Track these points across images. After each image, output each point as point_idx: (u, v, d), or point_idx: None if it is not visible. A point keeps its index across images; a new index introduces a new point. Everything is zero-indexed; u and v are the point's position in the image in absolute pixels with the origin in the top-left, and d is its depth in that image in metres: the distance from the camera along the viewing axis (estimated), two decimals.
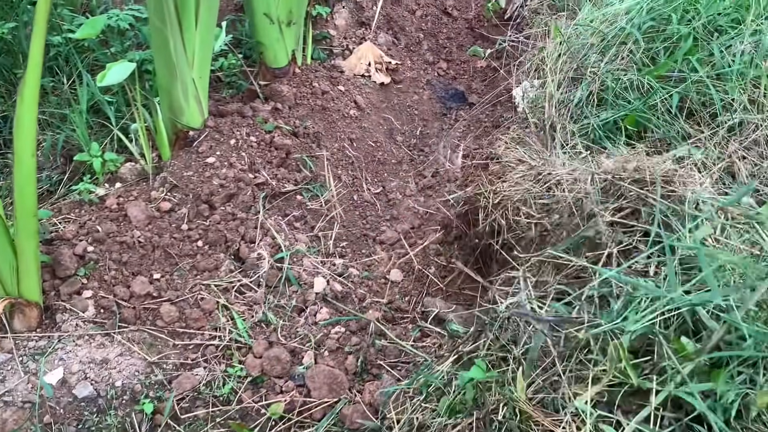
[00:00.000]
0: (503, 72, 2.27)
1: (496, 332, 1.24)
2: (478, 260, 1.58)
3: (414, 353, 1.39)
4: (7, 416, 1.19)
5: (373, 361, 1.38)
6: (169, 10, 1.51)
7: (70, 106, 2.07)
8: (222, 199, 1.64)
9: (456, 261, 1.62)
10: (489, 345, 1.20)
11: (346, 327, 1.49)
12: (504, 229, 1.40)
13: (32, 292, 1.33)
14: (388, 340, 1.44)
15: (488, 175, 1.65)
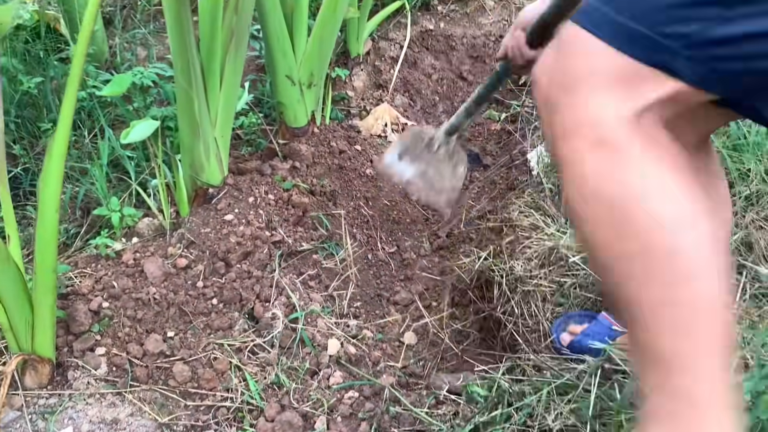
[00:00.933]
0: (518, 136, 2.30)
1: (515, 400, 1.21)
2: (492, 329, 1.57)
3: (429, 421, 1.35)
4: None
5: (387, 428, 1.35)
6: (195, 72, 1.55)
7: (91, 159, 2.11)
8: (238, 256, 1.65)
9: (471, 328, 1.61)
10: (508, 416, 1.18)
11: (359, 392, 1.46)
12: (516, 314, 1.41)
13: (46, 348, 1.32)
14: (402, 406, 1.41)
15: (502, 242, 1.66)
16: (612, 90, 0.71)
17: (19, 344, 1.30)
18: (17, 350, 1.31)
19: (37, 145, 2.24)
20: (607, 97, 0.71)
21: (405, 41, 2.52)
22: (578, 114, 0.73)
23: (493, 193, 2.21)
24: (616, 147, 0.71)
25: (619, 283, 0.74)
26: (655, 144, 0.73)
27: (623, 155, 0.71)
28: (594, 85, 0.72)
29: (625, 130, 0.71)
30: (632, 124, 0.71)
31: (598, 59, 0.72)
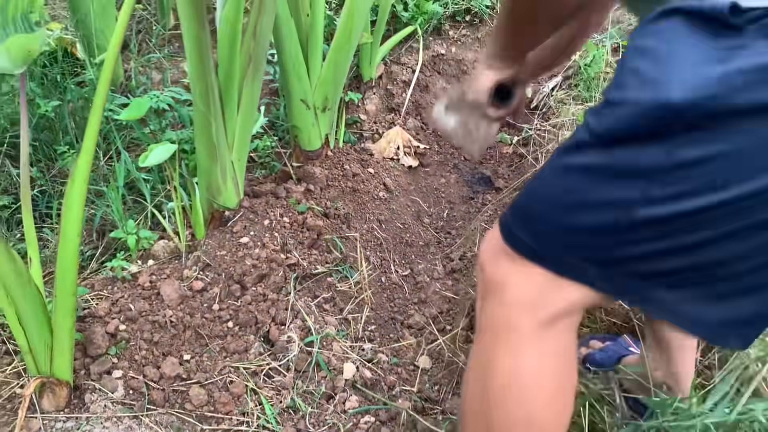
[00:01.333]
0: (530, 158, 2.30)
1: None
2: None
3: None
4: None
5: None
6: (213, 96, 1.57)
7: (106, 182, 2.13)
8: (254, 279, 1.65)
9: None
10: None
11: (375, 416, 1.45)
12: None
13: (64, 371, 1.32)
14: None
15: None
16: (530, 298, 0.83)
17: (37, 367, 1.30)
18: (35, 373, 1.31)
19: (53, 168, 2.26)
20: (525, 306, 0.83)
21: (417, 65, 2.54)
22: (499, 313, 0.86)
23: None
24: (521, 352, 0.84)
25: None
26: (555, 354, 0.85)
27: (524, 361, 0.84)
28: (515, 294, 0.84)
29: (535, 337, 0.83)
30: (542, 331, 0.83)
31: (519, 270, 0.83)
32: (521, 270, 0.82)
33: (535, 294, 0.82)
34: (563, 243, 0.79)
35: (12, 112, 2.24)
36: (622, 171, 0.73)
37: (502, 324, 0.85)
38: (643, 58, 0.71)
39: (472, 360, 0.91)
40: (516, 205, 0.86)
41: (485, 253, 0.90)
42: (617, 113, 0.71)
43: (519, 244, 0.82)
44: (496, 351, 0.85)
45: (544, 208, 0.81)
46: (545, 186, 0.82)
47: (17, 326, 1.25)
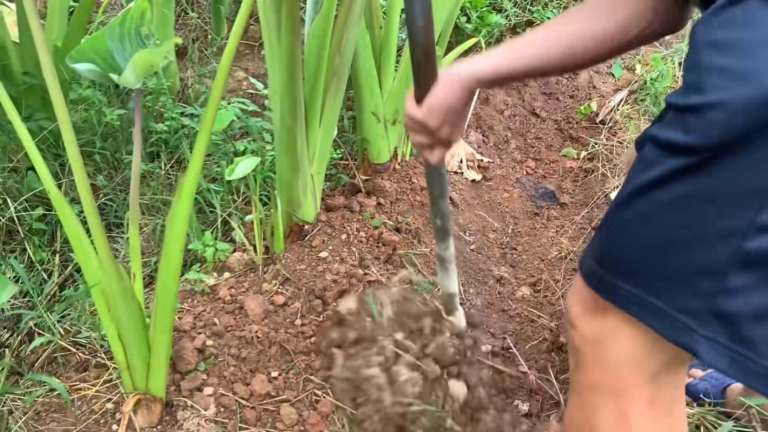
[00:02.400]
0: (598, 174, 2.27)
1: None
2: None
3: None
4: None
5: None
6: (301, 111, 1.55)
7: (169, 191, 2.12)
8: (334, 294, 1.63)
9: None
10: None
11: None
12: None
13: (158, 388, 1.31)
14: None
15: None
16: (633, 357, 0.77)
17: (134, 383, 1.29)
18: (131, 388, 1.29)
19: (116, 176, 2.25)
20: (628, 366, 0.78)
21: None
22: (600, 375, 0.81)
23: (571, 231, 2.18)
24: (629, 417, 0.79)
25: None
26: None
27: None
28: (617, 354, 0.78)
29: (643, 399, 0.78)
30: (649, 390, 0.78)
31: (617, 326, 0.77)
32: (620, 326, 0.76)
33: (639, 352, 0.76)
34: (671, 291, 0.71)
35: (79, 120, 2.24)
36: (727, 192, 0.64)
37: (605, 386, 0.79)
38: (724, 53, 0.63)
39: (570, 419, 0.86)
40: (605, 256, 0.77)
41: (574, 307, 0.83)
42: (709, 120, 0.63)
43: (619, 299, 0.75)
44: (601, 415, 0.79)
45: (644, 257, 0.72)
46: (637, 232, 0.73)
47: (117, 342, 1.24)
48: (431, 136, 0.95)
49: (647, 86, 2.47)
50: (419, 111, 0.93)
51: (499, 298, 1.96)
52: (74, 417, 1.32)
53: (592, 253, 0.80)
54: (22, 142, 1.08)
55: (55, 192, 1.11)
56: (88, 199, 1.09)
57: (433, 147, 0.98)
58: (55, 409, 1.34)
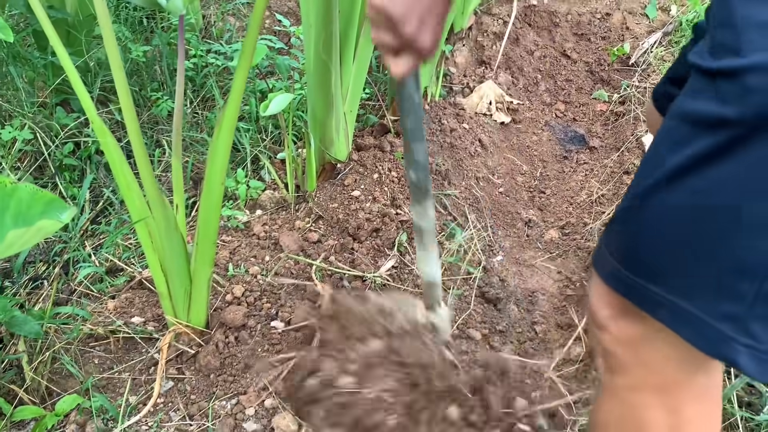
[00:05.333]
0: (629, 118, 2.23)
1: None
2: None
3: None
4: None
5: None
6: (336, 44, 1.52)
7: (197, 130, 2.11)
8: (368, 233, 1.63)
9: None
10: None
11: None
12: None
13: (199, 318, 1.33)
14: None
15: None
16: (676, 355, 0.72)
17: (175, 312, 1.31)
18: (172, 317, 1.32)
19: (142, 114, 2.24)
20: (672, 364, 0.73)
21: (511, 16, 2.46)
22: (642, 374, 0.76)
23: (602, 176, 2.16)
24: (681, 408, 0.75)
25: None
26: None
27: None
28: (658, 353, 0.73)
29: (691, 391, 0.75)
30: (695, 382, 0.75)
31: (654, 327, 0.70)
32: (658, 328, 0.69)
33: (682, 349, 0.69)
34: (706, 294, 0.63)
35: (103, 56, 2.22)
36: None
37: (649, 384, 0.75)
38: (764, 3, 0.54)
39: (606, 420, 0.83)
40: (629, 255, 0.69)
41: (602, 310, 0.76)
42: (747, 86, 0.53)
43: (647, 303, 0.68)
44: (649, 413, 0.76)
45: (675, 255, 0.64)
46: (666, 227, 0.64)
47: (159, 272, 1.26)
48: (396, 34, 0.74)
49: (683, 28, 2.40)
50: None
51: (528, 241, 1.96)
52: (117, 345, 1.35)
53: (612, 251, 0.72)
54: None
55: (98, 121, 1.11)
56: (134, 126, 1.08)
57: (398, 51, 0.77)
58: (97, 338, 1.37)
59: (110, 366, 1.32)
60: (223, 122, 1.18)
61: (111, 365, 1.32)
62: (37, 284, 1.56)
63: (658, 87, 1.14)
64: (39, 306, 1.46)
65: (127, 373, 1.31)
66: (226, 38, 2.48)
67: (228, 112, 1.17)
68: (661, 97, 1.13)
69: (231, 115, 1.18)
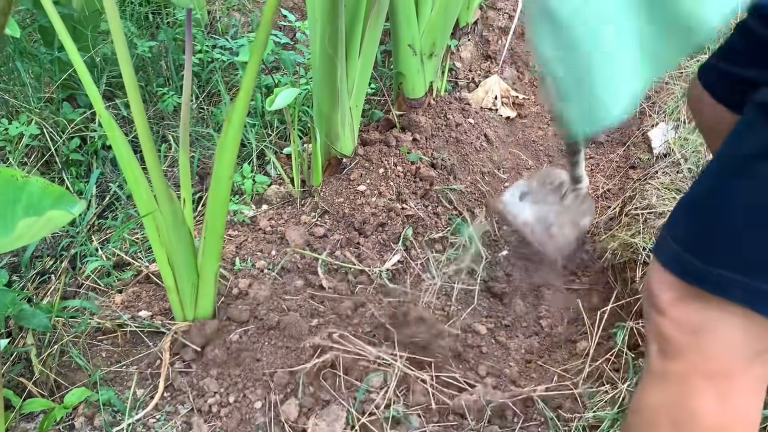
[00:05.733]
0: (635, 112, 2.22)
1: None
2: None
3: None
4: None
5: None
6: (341, 39, 1.52)
7: (203, 125, 2.11)
8: (373, 227, 1.64)
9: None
10: None
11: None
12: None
13: (206, 312, 1.34)
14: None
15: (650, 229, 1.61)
16: (737, 343, 0.74)
17: (182, 306, 1.32)
18: (179, 311, 1.32)
19: (148, 109, 2.24)
20: (732, 352, 0.74)
21: (516, 11, 2.45)
22: (700, 360, 0.76)
23: (608, 171, 2.15)
24: (734, 398, 0.76)
25: None
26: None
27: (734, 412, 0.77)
28: (720, 341, 0.74)
29: (748, 381, 0.76)
30: (752, 373, 0.76)
31: (720, 314, 0.72)
32: (725, 313, 0.72)
33: (744, 336, 0.73)
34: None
35: (109, 51, 2.22)
36: None
37: (702, 370, 0.77)
38: None
39: (649, 404, 0.84)
40: (702, 245, 0.72)
41: (664, 294, 0.78)
42: None
43: (729, 291, 0.70)
44: (700, 399, 0.78)
45: (759, 242, 0.67)
46: (748, 214, 0.67)
47: (166, 266, 1.26)
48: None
49: None
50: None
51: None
52: (124, 339, 1.36)
53: (679, 240, 0.74)
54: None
55: (106, 115, 1.11)
56: (142, 120, 1.09)
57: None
58: (104, 331, 1.38)
59: (118, 359, 1.32)
60: (233, 117, 1.19)
61: (118, 359, 1.33)
62: (45, 278, 1.57)
63: (707, 63, 1.09)
64: (47, 300, 1.47)
65: (134, 366, 1.31)
66: (232, 33, 2.48)
67: (237, 107, 1.18)
68: (710, 72, 1.08)
69: (240, 109, 1.18)
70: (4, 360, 1.26)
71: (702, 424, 0.77)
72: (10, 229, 0.67)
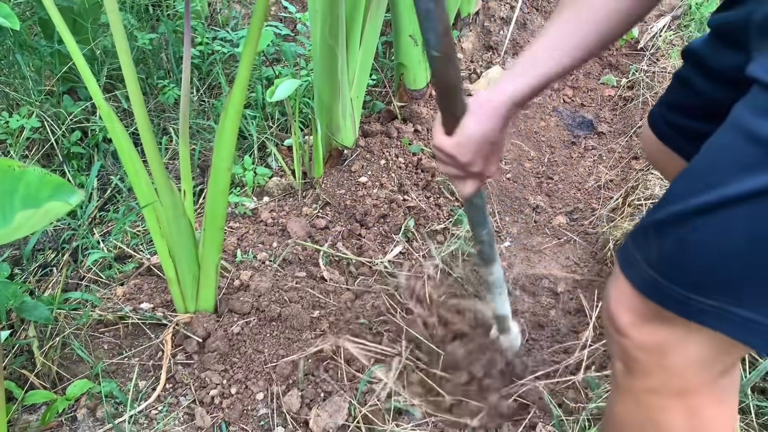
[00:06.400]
0: (638, 102, 2.21)
1: None
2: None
3: None
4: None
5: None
6: (342, 30, 1.51)
7: (204, 117, 2.11)
8: (375, 219, 1.63)
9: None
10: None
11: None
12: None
13: (208, 305, 1.34)
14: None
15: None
16: (700, 359, 0.73)
17: (183, 297, 1.32)
18: (181, 302, 1.32)
19: (149, 102, 2.24)
20: (696, 368, 0.74)
21: (518, 1, 2.44)
22: (663, 378, 0.76)
23: (610, 161, 2.15)
24: (700, 412, 0.76)
25: None
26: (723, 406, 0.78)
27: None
28: (682, 357, 0.73)
29: (712, 395, 0.76)
30: (717, 386, 0.76)
31: (682, 333, 0.72)
32: (688, 333, 0.71)
33: (709, 355, 0.71)
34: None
35: (109, 44, 2.21)
36: None
37: (669, 388, 0.76)
38: None
39: (621, 420, 0.84)
40: (673, 268, 0.68)
41: (624, 316, 0.76)
42: None
43: (697, 314, 0.67)
44: (668, 415, 0.77)
45: (736, 268, 0.63)
46: (727, 242, 0.63)
47: (167, 258, 1.26)
48: (462, 169, 0.85)
49: (692, 11, 2.37)
50: (448, 142, 0.83)
51: (535, 227, 1.95)
52: (126, 331, 1.36)
53: (649, 260, 0.71)
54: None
55: (106, 107, 1.11)
56: (142, 112, 1.08)
57: (465, 179, 0.88)
58: (106, 323, 1.38)
59: (119, 351, 1.33)
60: (230, 106, 1.18)
61: (120, 350, 1.33)
62: (47, 271, 1.57)
63: (656, 113, 1.07)
64: (48, 292, 1.47)
65: (136, 358, 1.31)
66: (232, 25, 2.48)
67: (234, 96, 1.17)
68: (662, 125, 1.05)
69: (237, 99, 1.17)
70: (6, 352, 1.26)
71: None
72: (8, 220, 0.67)
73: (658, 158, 1.10)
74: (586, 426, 1.22)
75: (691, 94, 0.93)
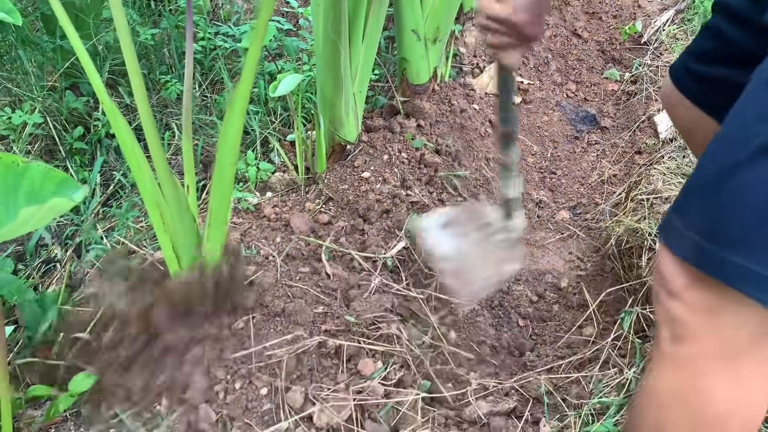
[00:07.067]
0: (641, 97, 2.21)
1: None
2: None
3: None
4: None
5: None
6: (345, 24, 1.51)
7: (206, 113, 2.11)
8: (378, 214, 1.63)
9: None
10: None
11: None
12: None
13: None
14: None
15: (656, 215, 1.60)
16: (753, 327, 0.74)
17: None
18: None
19: (151, 97, 2.24)
20: (748, 334, 0.74)
21: None
22: (712, 342, 0.76)
23: (613, 156, 2.14)
24: (746, 381, 0.77)
25: None
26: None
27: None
28: (734, 321, 0.74)
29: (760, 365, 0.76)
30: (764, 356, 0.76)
31: (734, 300, 0.72)
32: (737, 296, 0.71)
33: (755, 319, 0.73)
34: None
35: (111, 40, 2.21)
36: None
37: (716, 352, 0.76)
38: None
39: (659, 387, 0.84)
40: (715, 228, 0.70)
41: (678, 279, 0.77)
42: None
43: (739, 279, 0.69)
44: (712, 380, 0.77)
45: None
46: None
47: (171, 254, 1.26)
48: (516, 35, 0.90)
49: (696, 5, 2.36)
50: (503, 7, 0.87)
51: (539, 222, 1.95)
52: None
53: (690, 225, 0.73)
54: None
55: (109, 102, 1.10)
56: (145, 107, 1.08)
57: (515, 47, 0.93)
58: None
59: None
60: (235, 102, 1.18)
61: None
62: (50, 267, 1.57)
63: (678, 65, 1.11)
64: (52, 288, 1.47)
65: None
66: (234, 20, 2.47)
67: (240, 90, 1.17)
68: (683, 76, 1.10)
69: (243, 94, 1.17)
70: (10, 347, 1.27)
71: (713, 405, 0.77)
72: (12, 216, 0.67)
73: (678, 113, 1.14)
74: (589, 421, 1.22)
75: (721, 42, 0.97)
